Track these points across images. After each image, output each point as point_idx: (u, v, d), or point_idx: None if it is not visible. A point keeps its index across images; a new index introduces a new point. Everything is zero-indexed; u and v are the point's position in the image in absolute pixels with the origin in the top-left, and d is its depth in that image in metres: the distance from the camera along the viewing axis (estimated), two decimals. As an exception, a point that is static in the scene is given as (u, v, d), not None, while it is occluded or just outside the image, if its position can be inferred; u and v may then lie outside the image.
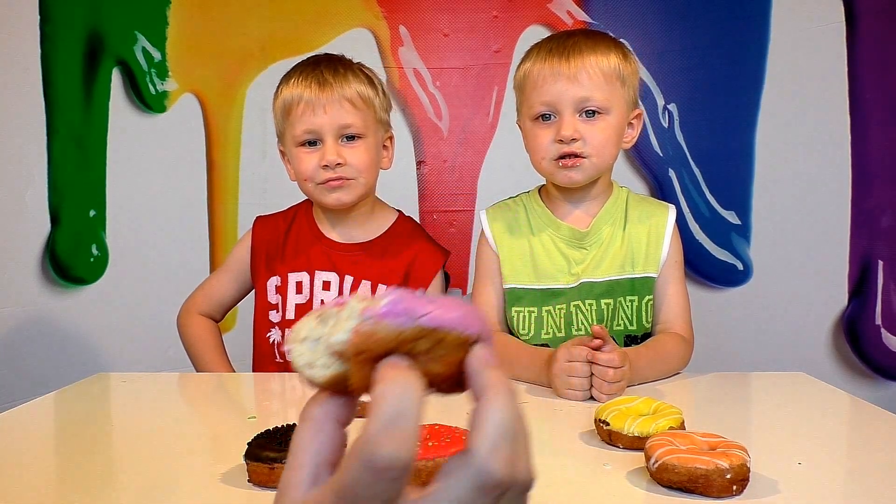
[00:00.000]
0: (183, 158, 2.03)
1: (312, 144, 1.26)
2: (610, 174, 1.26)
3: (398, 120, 2.00)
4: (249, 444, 0.70)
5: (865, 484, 0.71)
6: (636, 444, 0.77)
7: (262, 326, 1.34)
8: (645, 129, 1.97)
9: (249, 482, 0.69)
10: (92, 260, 2.04)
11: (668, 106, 2.00)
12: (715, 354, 1.91)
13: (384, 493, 0.27)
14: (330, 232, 1.34)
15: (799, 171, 1.97)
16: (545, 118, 1.18)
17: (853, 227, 1.97)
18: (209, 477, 0.72)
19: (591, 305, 1.21)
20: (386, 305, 0.31)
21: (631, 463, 0.74)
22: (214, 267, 2.02)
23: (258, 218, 1.41)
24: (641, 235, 1.23)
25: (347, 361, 0.31)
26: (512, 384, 0.31)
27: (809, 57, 1.96)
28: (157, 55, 2.02)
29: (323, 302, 1.30)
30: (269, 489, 0.68)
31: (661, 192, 1.99)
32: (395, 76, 2.02)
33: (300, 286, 1.31)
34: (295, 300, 1.31)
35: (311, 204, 1.38)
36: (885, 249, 1.97)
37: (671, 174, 2.01)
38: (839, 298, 1.99)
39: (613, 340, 1.03)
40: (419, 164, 2.04)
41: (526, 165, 1.25)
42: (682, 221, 1.85)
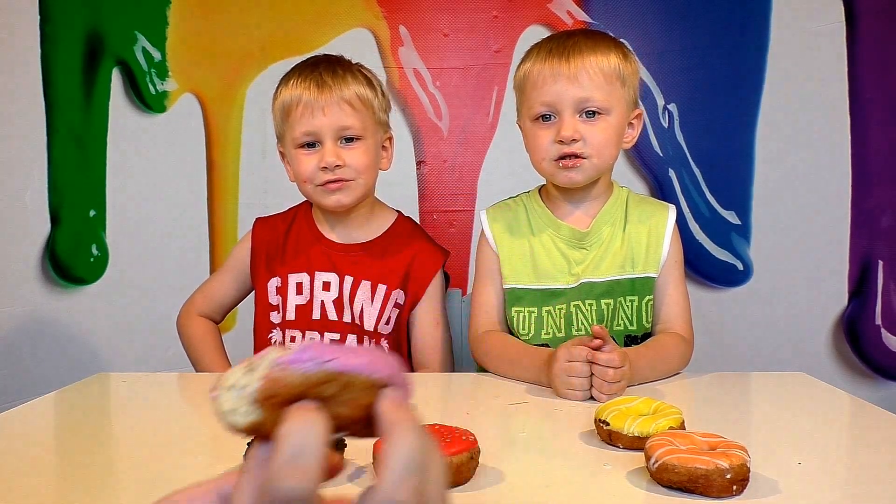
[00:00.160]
0: (183, 158, 2.03)
1: (311, 146, 1.25)
2: (610, 174, 1.26)
3: (398, 120, 2.00)
4: (249, 444, 0.70)
5: (865, 484, 0.71)
6: (636, 444, 0.77)
7: (262, 327, 1.34)
8: (645, 129, 1.97)
9: (249, 482, 0.69)
10: (92, 260, 2.04)
11: (668, 106, 2.00)
12: (715, 354, 1.92)
13: None
14: (329, 233, 1.34)
15: (799, 171, 1.97)
16: (545, 119, 1.18)
17: (853, 227, 1.97)
18: (209, 477, 0.72)
19: (591, 305, 1.21)
20: (294, 352, 0.33)
21: (631, 463, 0.74)
22: (214, 267, 2.02)
23: (258, 219, 1.40)
24: (641, 235, 1.23)
25: (262, 407, 0.33)
26: (419, 420, 0.32)
27: (809, 57, 1.95)
28: (157, 55, 2.02)
29: (323, 303, 1.30)
30: (269, 489, 0.68)
31: (661, 192, 1.99)
32: (395, 76, 2.02)
33: (300, 287, 1.31)
34: (295, 301, 1.31)
35: (310, 205, 1.37)
36: (885, 249, 1.97)
37: (671, 174, 2.01)
38: (839, 298, 1.99)
39: (613, 340, 1.03)
40: (419, 164, 2.04)
41: (526, 165, 1.25)
42: (682, 221, 1.85)
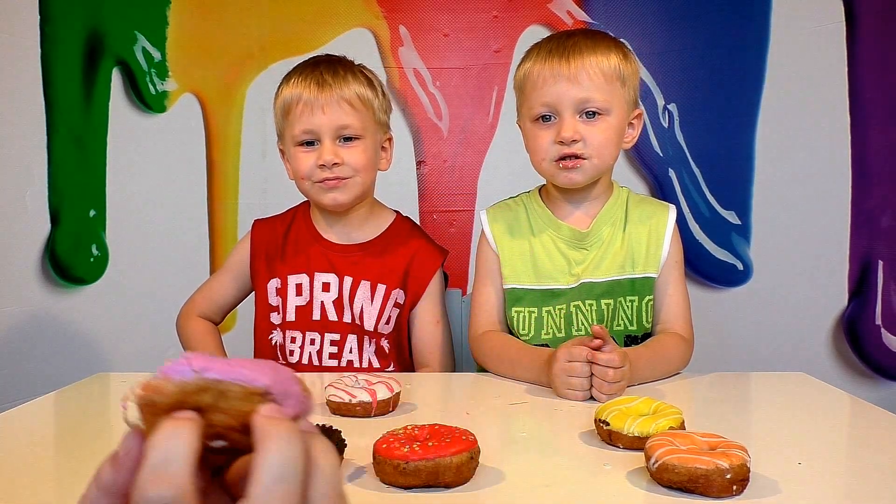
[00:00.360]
0: (183, 158, 2.03)
1: (310, 144, 1.26)
2: (610, 174, 1.26)
3: (398, 120, 2.00)
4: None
5: (865, 484, 0.71)
6: (636, 444, 0.77)
7: (263, 328, 1.34)
8: (645, 129, 1.97)
9: (249, 482, 0.69)
10: (92, 260, 2.04)
11: (668, 106, 2.00)
12: (715, 354, 1.92)
13: None
14: (328, 233, 1.34)
15: (799, 171, 1.97)
16: (545, 119, 1.18)
17: (853, 227, 1.97)
18: (209, 477, 0.72)
19: (591, 306, 1.21)
20: (174, 361, 0.33)
21: (631, 463, 0.74)
22: (214, 267, 2.02)
23: (256, 221, 1.40)
24: (642, 236, 1.23)
25: (142, 415, 0.34)
26: (293, 430, 0.31)
27: (809, 57, 1.96)
28: (157, 55, 2.02)
29: (323, 304, 1.30)
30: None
31: (661, 192, 1.99)
32: (395, 76, 2.02)
33: (300, 288, 1.31)
34: (295, 302, 1.30)
35: (309, 205, 1.37)
36: (885, 249, 1.97)
37: (671, 174, 2.01)
38: (839, 298, 1.99)
39: (613, 340, 1.03)
40: (419, 164, 2.04)
41: (526, 165, 1.25)
42: (682, 221, 1.85)
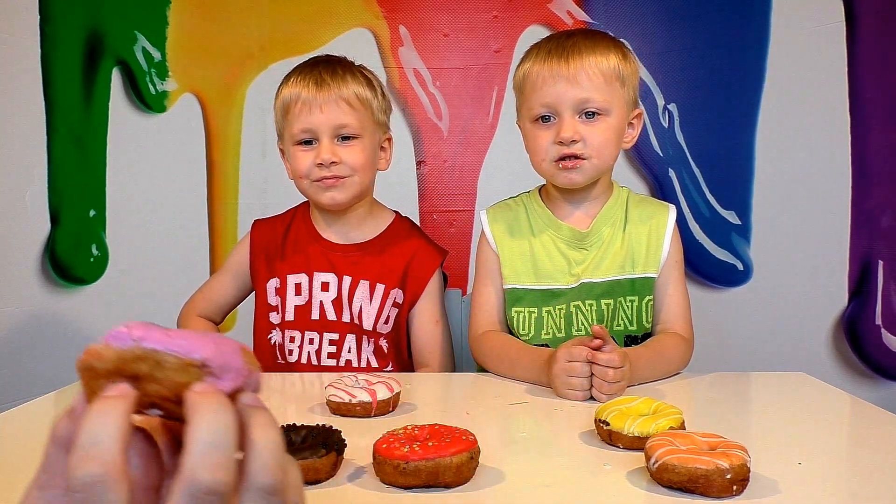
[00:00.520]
0: (183, 158, 2.03)
1: (309, 143, 1.27)
2: (610, 175, 1.26)
3: (398, 120, 2.00)
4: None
5: (865, 484, 0.71)
6: (636, 444, 0.77)
7: (262, 328, 1.34)
8: (645, 129, 1.97)
9: (249, 482, 0.69)
10: (92, 260, 2.04)
11: (668, 106, 2.00)
12: (715, 354, 1.92)
13: None
14: (327, 233, 1.34)
15: (799, 171, 1.97)
16: (545, 120, 1.18)
17: (853, 227, 1.97)
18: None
19: (591, 306, 1.21)
20: (116, 329, 0.34)
21: (631, 463, 0.74)
22: (214, 267, 2.02)
23: (256, 221, 1.41)
24: (642, 236, 1.23)
25: (82, 379, 0.34)
26: (223, 402, 0.32)
27: (809, 57, 1.96)
28: (157, 55, 2.02)
29: (322, 303, 1.30)
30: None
31: (661, 192, 1.99)
32: (395, 76, 2.02)
33: (299, 288, 1.31)
34: (294, 302, 1.31)
35: (308, 206, 1.38)
36: (885, 249, 1.97)
37: (671, 174, 2.01)
38: (839, 298, 1.99)
39: (613, 340, 1.03)
40: (419, 164, 2.04)
41: (526, 165, 1.25)
42: (682, 221, 1.85)
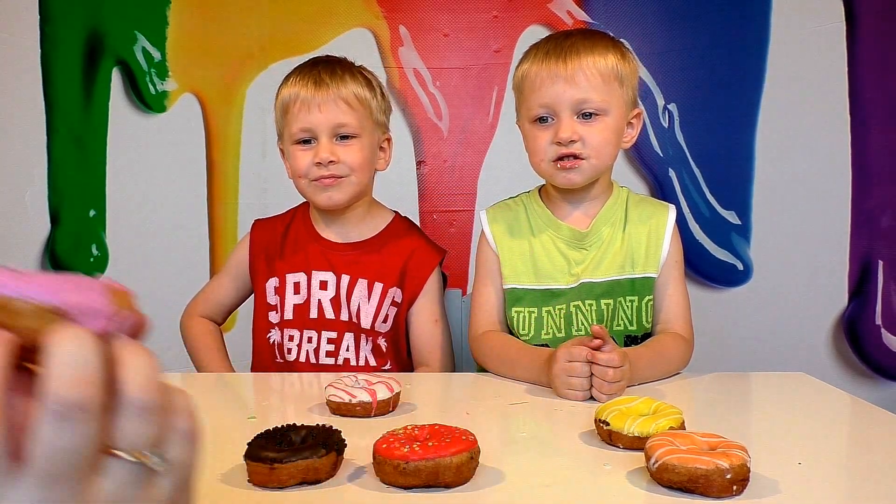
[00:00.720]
0: (183, 158, 2.03)
1: (307, 142, 1.27)
2: (610, 174, 1.26)
3: (398, 120, 2.00)
4: (249, 444, 0.70)
5: (865, 484, 0.71)
6: (636, 444, 0.77)
7: (261, 327, 1.34)
8: (645, 129, 1.97)
9: (249, 482, 0.69)
10: (92, 260, 2.04)
11: (668, 106, 2.00)
12: (715, 354, 1.92)
13: None
14: (326, 232, 1.35)
15: (799, 171, 1.97)
16: (543, 120, 1.18)
17: (853, 227, 1.97)
18: (209, 477, 0.72)
19: (591, 306, 1.21)
20: None
21: (631, 463, 0.74)
22: (214, 267, 2.02)
23: (256, 221, 1.41)
24: (641, 235, 1.23)
25: None
26: (81, 329, 0.31)
27: (809, 57, 1.96)
28: (157, 55, 2.02)
29: (320, 302, 1.30)
30: (269, 489, 0.68)
31: (661, 192, 1.99)
32: (395, 76, 2.02)
33: (298, 287, 1.31)
34: (293, 301, 1.31)
35: (308, 205, 1.38)
36: (885, 249, 1.97)
37: (671, 174, 2.01)
38: (839, 298, 1.99)
39: (613, 340, 1.03)
40: (419, 164, 2.04)
41: (526, 165, 1.24)
42: (682, 221, 1.85)
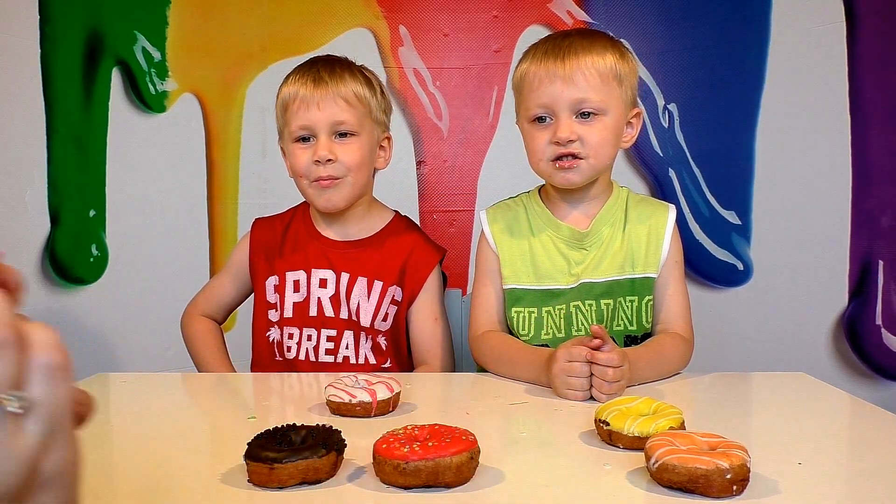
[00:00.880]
0: (183, 158, 2.03)
1: (307, 140, 1.27)
2: (609, 174, 1.26)
3: (398, 120, 2.00)
4: (249, 444, 0.70)
5: (865, 484, 0.71)
6: (636, 444, 0.77)
7: (261, 326, 1.34)
8: (645, 129, 1.97)
9: (249, 482, 0.69)
10: (92, 260, 2.04)
11: (668, 106, 2.00)
12: (715, 354, 1.92)
13: None
14: (326, 230, 1.35)
15: (799, 171, 1.97)
16: (542, 120, 1.17)
17: (853, 227, 1.97)
18: (209, 477, 0.72)
19: (590, 306, 1.20)
20: None
21: (631, 463, 0.74)
22: (214, 267, 2.02)
23: (257, 220, 1.42)
24: (641, 235, 1.23)
25: None
26: None
27: (809, 57, 1.95)
28: (157, 55, 2.02)
29: (320, 300, 1.31)
30: (269, 489, 0.68)
31: (661, 192, 1.99)
32: (395, 76, 2.02)
33: (297, 285, 1.32)
34: (293, 299, 1.31)
35: (308, 204, 1.38)
36: (885, 249, 1.97)
37: (671, 174, 2.01)
38: (839, 298, 1.98)
39: (613, 340, 1.03)
40: (419, 163, 2.04)
41: (526, 165, 1.24)
42: (682, 221, 1.85)
